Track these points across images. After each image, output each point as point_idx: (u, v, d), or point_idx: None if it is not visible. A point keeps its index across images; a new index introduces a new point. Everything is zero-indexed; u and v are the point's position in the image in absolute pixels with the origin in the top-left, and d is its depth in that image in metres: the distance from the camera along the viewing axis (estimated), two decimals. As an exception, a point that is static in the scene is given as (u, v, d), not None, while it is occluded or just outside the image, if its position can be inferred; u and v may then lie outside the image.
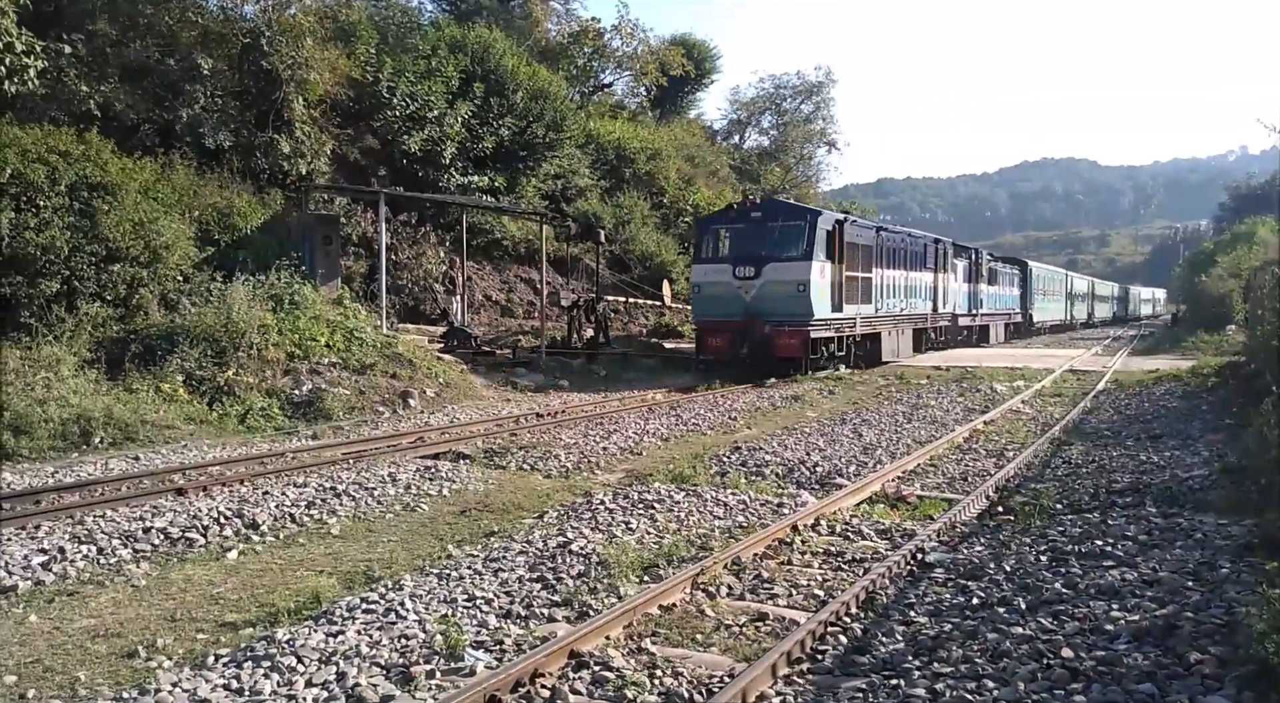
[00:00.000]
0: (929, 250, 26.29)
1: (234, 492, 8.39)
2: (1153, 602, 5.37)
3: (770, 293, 18.43)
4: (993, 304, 34.70)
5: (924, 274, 25.64)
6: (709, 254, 19.86)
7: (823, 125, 48.61)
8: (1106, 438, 12.17)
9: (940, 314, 27.46)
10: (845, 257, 19.66)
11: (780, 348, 18.46)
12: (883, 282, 22.17)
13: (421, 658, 4.70)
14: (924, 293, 25.75)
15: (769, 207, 20.00)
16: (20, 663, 4.78)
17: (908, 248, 24.36)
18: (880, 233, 22.61)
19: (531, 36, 32.03)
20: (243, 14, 18.64)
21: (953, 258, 28.75)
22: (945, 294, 27.69)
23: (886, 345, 22.48)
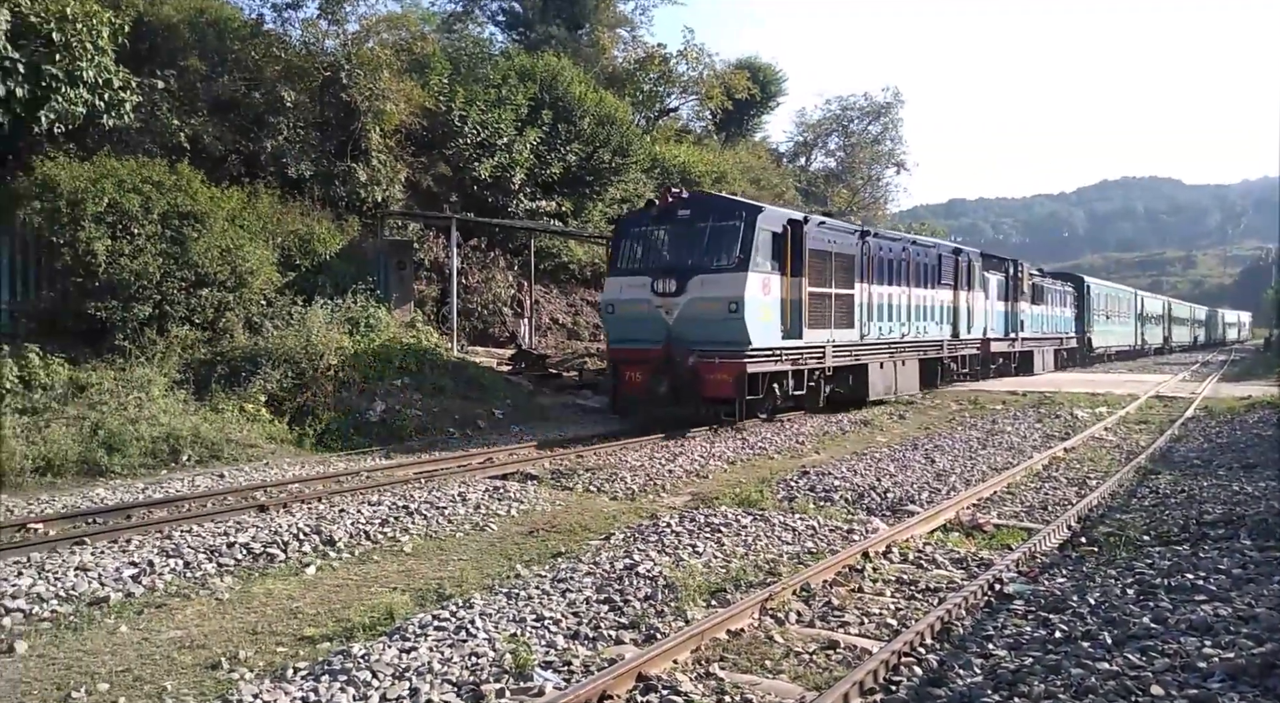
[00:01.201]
0: (946, 263, 21.52)
1: (312, 509, 8.62)
2: (1249, 639, 5.10)
3: (696, 314, 13.80)
4: (1038, 327, 29.69)
5: (938, 292, 21.04)
6: (626, 264, 15.05)
7: (891, 146, 48.14)
8: (1196, 467, 11.64)
9: (964, 340, 22.73)
10: (808, 267, 15.08)
11: (708, 386, 13.73)
12: (871, 300, 17.59)
13: (491, 677, 4.74)
14: (939, 314, 21.17)
15: (699, 203, 14.99)
16: (112, 672, 4.98)
17: (912, 259, 19.61)
18: (867, 238, 17.56)
19: (599, 63, 32.56)
20: (324, 48, 19.42)
21: (982, 272, 24.06)
22: (971, 316, 23.02)
23: (877, 380, 17.77)
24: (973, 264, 23.14)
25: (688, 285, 13.95)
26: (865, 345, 17.34)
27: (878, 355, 17.85)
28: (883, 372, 18.07)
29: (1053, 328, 31.50)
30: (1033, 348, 28.68)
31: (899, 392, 18.71)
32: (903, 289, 19.13)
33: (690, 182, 31.87)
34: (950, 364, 22.40)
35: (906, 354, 19.16)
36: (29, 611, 5.79)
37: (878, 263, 17.98)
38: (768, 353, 14.23)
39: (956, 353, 22.46)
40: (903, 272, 19.13)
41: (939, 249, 21.62)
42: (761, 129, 47.07)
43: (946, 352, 21.74)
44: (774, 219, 14.62)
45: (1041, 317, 30.03)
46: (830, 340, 16.01)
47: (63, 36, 13.29)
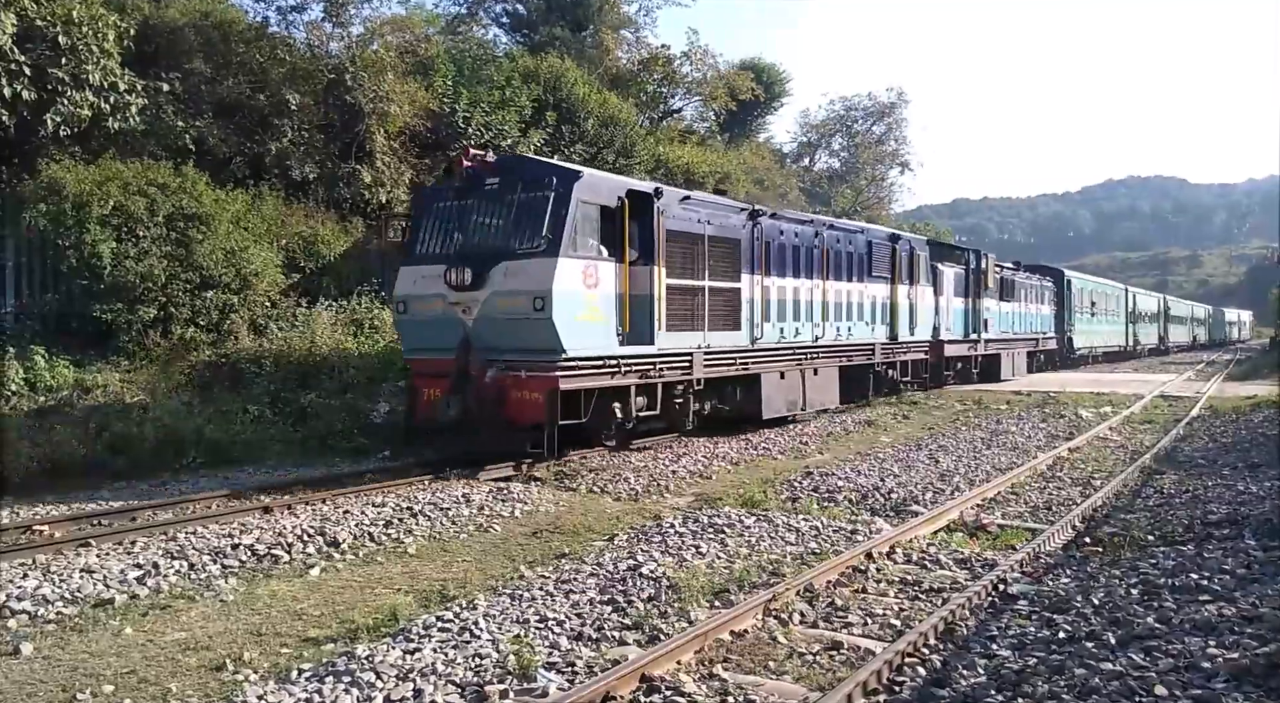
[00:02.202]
0: (880, 252, 18.21)
1: (316, 511, 8.64)
2: (1253, 639, 5.09)
3: (498, 313, 10.54)
4: (1007, 326, 26.36)
5: (870, 286, 17.77)
6: (424, 248, 11.57)
7: (895, 146, 48.11)
8: (1201, 467, 11.61)
9: (906, 343, 19.28)
10: (664, 253, 11.77)
11: (513, 407, 10.45)
12: (767, 296, 14.24)
13: (495, 678, 4.75)
14: (871, 313, 17.86)
15: (510, 169, 11.39)
16: (117, 673, 5.00)
17: (829, 246, 16.19)
18: (760, 219, 14.07)
19: (603, 65, 32.57)
20: (328, 51, 19.48)
21: (930, 263, 20.60)
22: (915, 314, 19.62)
23: (775, 394, 14.35)
24: (917, 254, 19.73)
25: (490, 276, 10.57)
26: (758, 352, 13.88)
27: (777, 363, 14.48)
28: (784, 384, 14.68)
29: (1026, 327, 28.34)
30: (999, 350, 25.27)
31: (808, 407, 15.41)
32: (815, 282, 15.76)
33: (694, 182, 31.91)
34: (887, 372, 18.92)
35: (821, 361, 15.79)
36: (34, 612, 5.81)
37: (778, 250, 14.62)
38: (595, 364, 10.74)
39: (895, 358, 18.95)
40: (816, 261, 15.78)
41: (869, 235, 18.13)
42: (765, 130, 47.12)
43: (881, 357, 18.19)
44: (601, 189, 11.16)
45: (1012, 315, 26.82)
46: (702, 346, 12.56)
47: (68, 40, 13.35)
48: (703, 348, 12.64)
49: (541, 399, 10.34)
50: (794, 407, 15.10)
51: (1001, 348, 25.53)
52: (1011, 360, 26.31)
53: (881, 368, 18.65)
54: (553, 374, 10.32)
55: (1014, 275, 27.28)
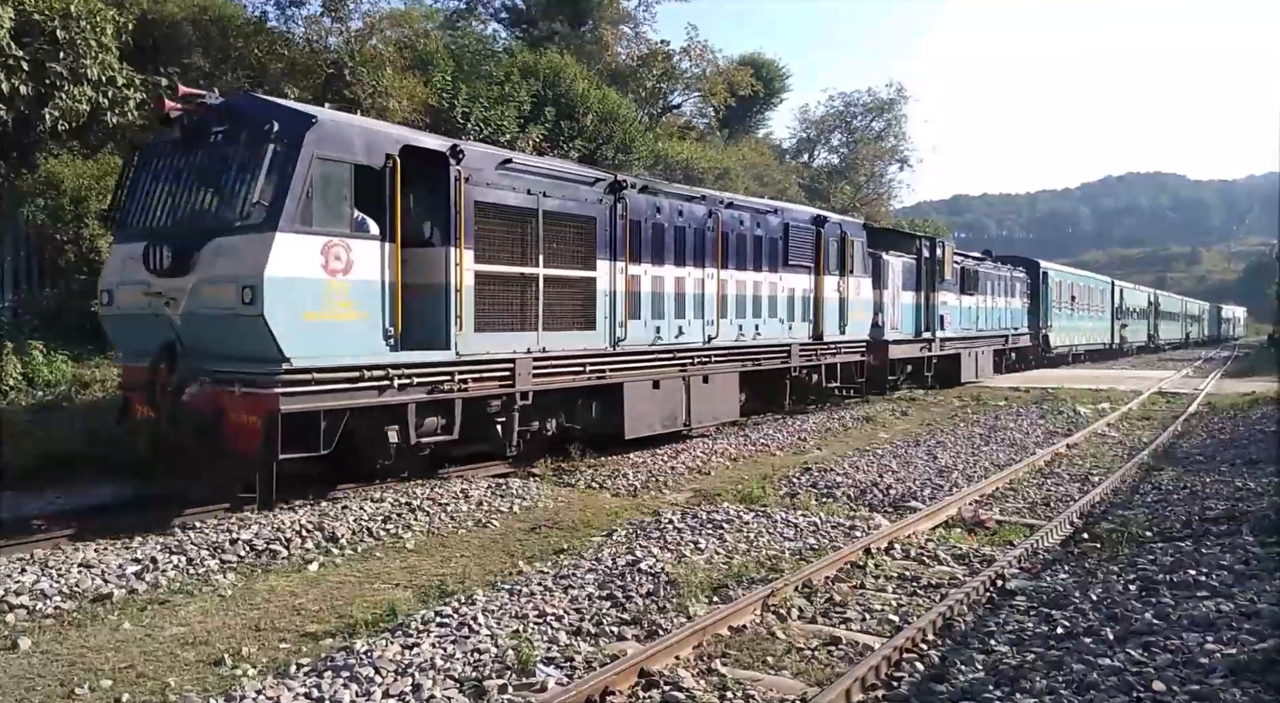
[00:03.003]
0: (799, 237, 15.39)
1: (315, 506, 8.63)
2: (1251, 634, 5.10)
3: (205, 307, 7.99)
4: (970, 322, 23.65)
5: (786, 277, 15.02)
6: (134, 220, 9.01)
7: (894, 142, 48.05)
8: (1199, 463, 11.63)
9: (835, 343, 16.43)
10: (472, 231, 9.30)
11: (232, 434, 7.87)
12: (637, 287, 11.73)
13: (494, 672, 4.75)
14: (788, 309, 15.09)
15: (238, 113, 8.53)
16: (115, 668, 5.00)
17: (727, 229, 13.52)
18: (625, 192, 11.43)
19: (602, 60, 32.52)
20: (327, 46, 19.43)
21: (867, 251, 17.81)
22: (847, 310, 16.73)
23: (644, 408, 11.80)
24: (850, 240, 16.78)
25: (198, 258, 7.95)
26: (622, 356, 11.35)
27: (648, 370, 11.83)
28: (657, 395, 11.98)
29: (994, 323, 25.64)
30: (960, 350, 22.59)
31: (695, 421, 12.72)
32: (708, 272, 13.01)
33: (693, 178, 31.93)
34: (809, 377, 16.05)
35: (715, 366, 13.13)
36: (32, 607, 5.80)
37: (654, 232, 12.03)
38: (347, 375, 8.17)
39: (821, 361, 16.09)
40: (709, 246, 13.01)
41: (786, 217, 15.26)
42: (765, 125, 47.07)
43: (800, 360, 15.35)
44: (355, 141, 8.36)
45: (975, 310, 24.11)
46: (534, 349, 10.09)
47: (67, 34, 13.30)
48: (534, 352, 10.04)
49: (259, 424, 7.67)
50: (673, 422, 12.33)
51: (962, 347, 22.79)
52: (974, 361, 23.45)
53: (801, 372, 15.64)
54: (272, 391, 7.63)
55: (978, 267, 24.68)
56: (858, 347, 17.37)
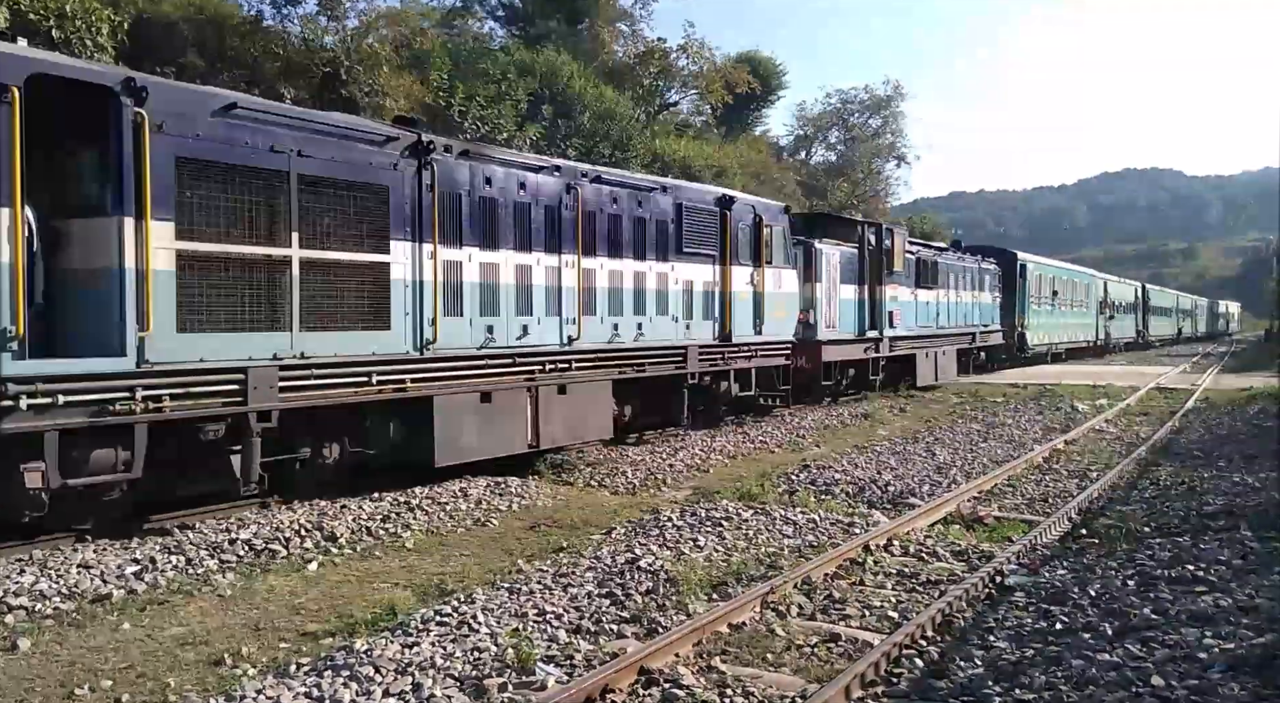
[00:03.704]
0: (696, 220, 12.90)
1: (314, 505, 8.62)
2: (1249, 629, 5.12)
3: None
4: (929, 319, 21.14)
5: (681, 267, 12.57)
6: None
7: (891, 139, 48.07)
8: (1197, 459, 11.66)
9: (749, 345, 13.98)
10: (162, 196, 6.94)
11: None
12: (452, 277, 9.42)
13: (494, 671, 4.75)
14: (683, 304, 12.67)
15: None
16: (115, 668, 4.99)
17: (591, 208, 11.16)
18: (430, 157, 9.11)
19: (599, 58, 32.51)
20: (323, 44, 19.41)
21: (790, 238, 15.41)
22: (766, 305, 14.25)
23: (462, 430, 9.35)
24: (768, 226, 14.31)
25: None
26: (432, 364, 9.03)
27: (474, 379, 9.46)
28: (488, 410, 9.53)
29: (958, 320, 23.09)
30: (914, 350, 20.05)
31: (544, 442, 10.30)
32: (565, 258, 10.70)
33: (691, 175, 31.91)
34: (714, 384, 13.50)
35: (579, 373, 10.71)
36: (32, 608, 5.79)
37: (482, 209, 9.70)
38: None
39: (729, 365, 13.59)
40: (566, 228, 10.71)
41: (679, 195, 12.78)
42: (762, 123, 47.07)
43: (701, 365, 12.80)
44: None
45: (935, 305, 21.58)
46: (286, 354, 7.83)
47: (62, 34, 13.30)
48: (285, 359, 7.78)
49: None
50: (510, 444, 9.84)
51: (919, 347, 20.31)
52: (932, 362, 20.94)
53: (703, 379, 13.10)
54: None
55: (938, 257, 22.10)
56: (780, 349, 14.88)
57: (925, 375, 20.66)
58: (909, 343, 19.97)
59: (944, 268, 22.37)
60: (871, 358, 18.52)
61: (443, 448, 9.08)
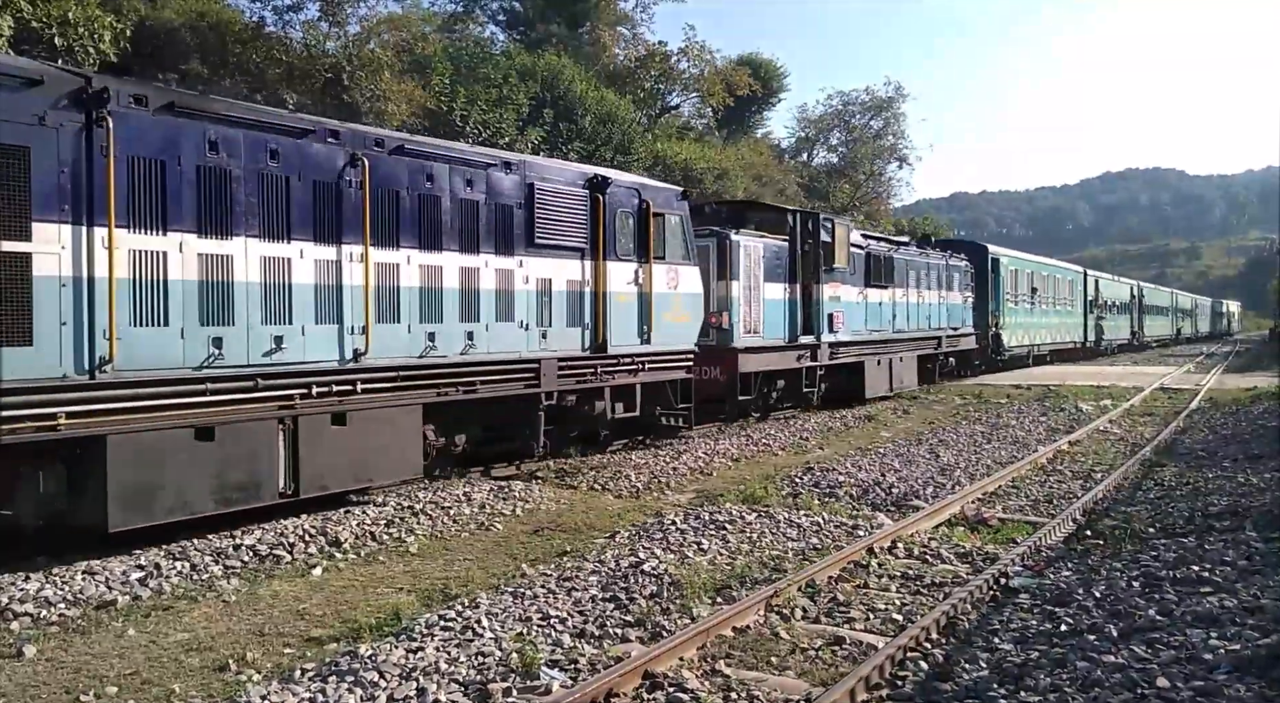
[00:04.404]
0: (555, 205, 10.57)
1: (317, 510, 8.64)
2: (1254, 630, 5.10)
3: None
4: (881, 321, 18.67)
5: (533, 263, 10.30)
6: None
7: (893, 141, 48.05)
8: (1201, 459, 11.63)
9: (633, 357, 11.53)
10: None
11: None
12: (152, 271, 7.06)
13: (498, 676, 4.75)
14: (535, 309, 10.36)
15: None
16: (120, 675, 5.00)
17: (388, 185, 8.85)
18: (116, 108, 6.75)
19: (600, 62, 32.57)
20: (325, 50, 19.47)
21: (688, 227, 12.66)
22: (655, 308, 11.78)
23: (137, 484, 6.76)
24: (658, 214, 11.83)
25: None
26: (109, 393, 6.70)
27: (183, 411, 7.10)
28: (205, 451, 7.22)
29: (920, 322, 20.65)
30: (863, 356, 17.53)
31: (309, 489, 7.95)
32: (348, 251, 8.40)
33: (692, 179, 31.94)
34: (583, 405, 11.09)
35: (367, 398, 8.42)
36: (36, 615, 5.81)
37: (207, 181, 7.42)
38: None
39: (606, 382, 11.16)
40: (349, 211, 8.41)
41: (529, 174, 10.28)
42: (763, 125, 47.10)
43: (562, 382, 10.52)
44: None
45: (890, 306, 19.18)
46: None
47: (65, 41, 13.34)
48: None
49: None
50: (249, 495, 7.54)
51: (867, 353, 17.75)
52: (886, 371, 18.49)
53: (566, 399, 10.76)
54: None
55: (894, 252, 19.72)
56: (677, 359, 12.24)
57: (876, 386, 18.06)
58: (856, 349, 17.42)
59: (902, 264, 19.81)
60: (806, 367, 15.88)
61: (124, 506, 6.69)
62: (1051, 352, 31.75)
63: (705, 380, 13.58)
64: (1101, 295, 37.82)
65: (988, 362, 25.85)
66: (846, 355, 17.07)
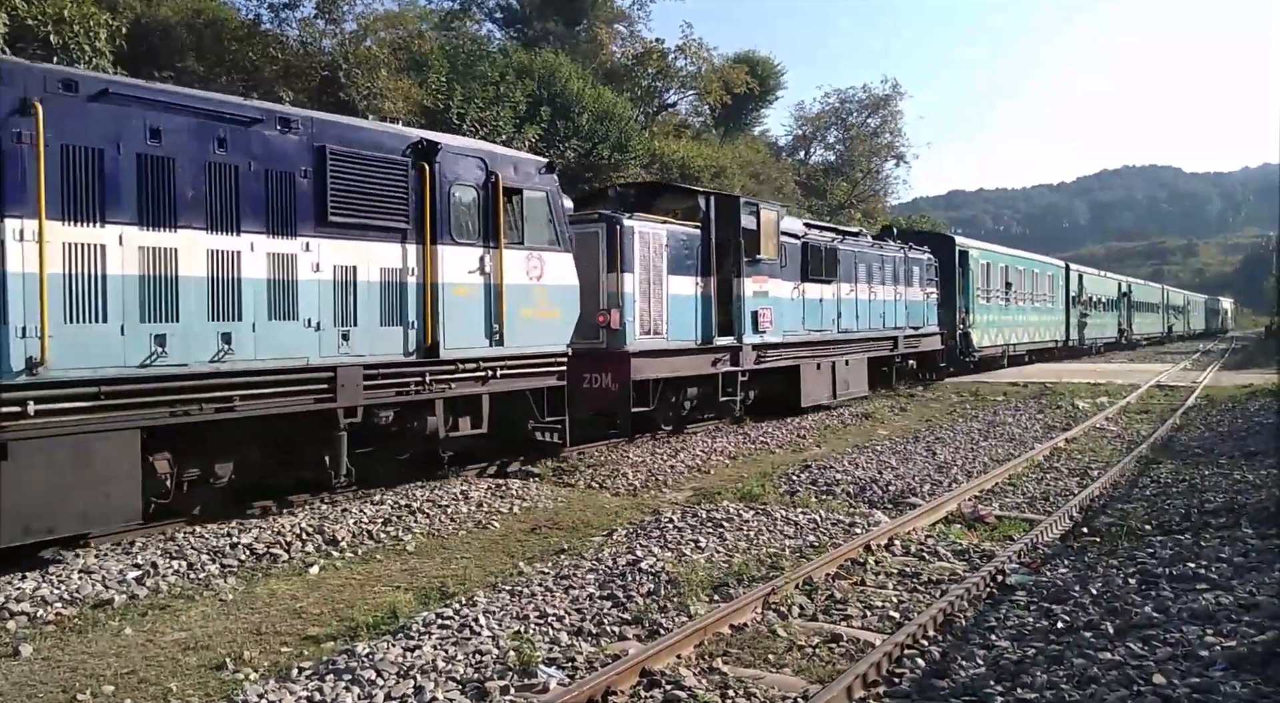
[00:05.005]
0: (356, 171, 8.42)
1: (314, 509, 8.63)
2: (1250, 627, 5.11)
3: None
4: (823, 321, 16.56)
5: (319, 246, 8.19)
6: None
7: (890, 138, 48.05)
8: (1198, 456, 11.65)
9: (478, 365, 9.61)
10: None
11: None
12: None
13: (496, 674, 4.76)
14: (330, 305, 8.27)
15: None
16: (117, 674, 5.00)
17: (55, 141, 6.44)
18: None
19: (597, 59, 32.54)
20: (321, 48, 19.43)
21: (559, 209, 10.65)
22: (506, 302, 9.76)
23: None
24: (511, 188, 9.91)
25: None
26: None
27: None
28: None
29: (872, 321, 18.48)
30: (799, 360, 15.51)
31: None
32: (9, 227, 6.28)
33: (690, 176, 31.92)
34: (417, 422, 9.17)
35: (37, 424, 6.33)
36: (33, 614, 5.80)
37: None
38: None
39: (438, 394, 9.21)
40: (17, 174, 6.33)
41: (324, 133, 8.33)
42: (760, 123, 47.04)
43: (373, 395, 8.60)
44: None
45: (835, 303, 17.03)
46: None
47: (60, 39, 13.30)
48: None
49: None
50: None
51: (803, 356, 15.68)
52: (828, 376, 16.37)
53: (381, 416, 8.81)
54: None
55: (839, 243, 17.47)
56: (543, 364, 10.35)
57: (815, 392, 15.99)
58: (790, 352, 15.37)
59: (849, 256, 17.61)
60: (724, 372, 13.79)
61: None
62: (1030, 352, 29.97)
63: (594, 390, 11.79)
64: (1085, 291, 36.04)
65: (956, 364, 23.79)
66: (777, 359, 15.03)
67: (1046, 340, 31.38)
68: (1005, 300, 27.38)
